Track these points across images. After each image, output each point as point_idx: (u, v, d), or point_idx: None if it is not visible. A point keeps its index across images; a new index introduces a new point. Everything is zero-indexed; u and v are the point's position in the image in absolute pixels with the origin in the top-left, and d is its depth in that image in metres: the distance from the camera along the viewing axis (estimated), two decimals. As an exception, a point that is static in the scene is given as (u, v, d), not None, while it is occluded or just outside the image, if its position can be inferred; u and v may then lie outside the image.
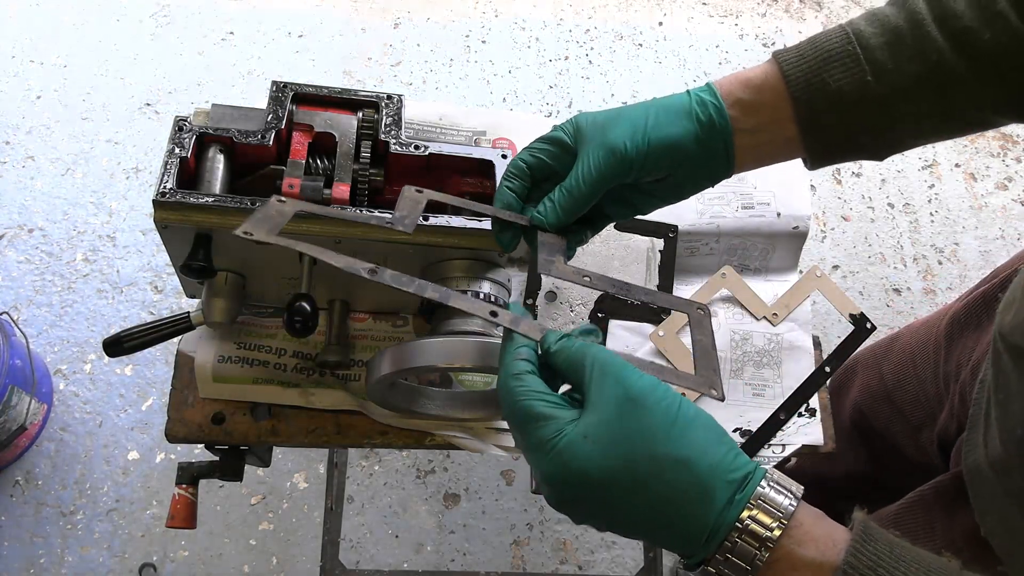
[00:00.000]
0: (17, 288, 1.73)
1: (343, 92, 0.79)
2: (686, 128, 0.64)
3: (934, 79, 0.62)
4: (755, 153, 0.67)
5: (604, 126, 0.64)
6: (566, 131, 0.66)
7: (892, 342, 1.02)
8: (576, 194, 0.64)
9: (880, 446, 1.02)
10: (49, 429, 1.59)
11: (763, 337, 0.92)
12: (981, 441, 0.67)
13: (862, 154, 0.68)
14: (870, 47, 0.63)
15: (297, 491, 1.56)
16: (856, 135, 0.65)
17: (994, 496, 0.65)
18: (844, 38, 0.64)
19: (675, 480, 0.48)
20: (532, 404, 0.51)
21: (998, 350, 0.64)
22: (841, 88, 0.63)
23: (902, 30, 0.63)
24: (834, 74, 0.63)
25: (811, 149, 0.66)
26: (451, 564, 1.52)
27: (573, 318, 0.94)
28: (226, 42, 2.08)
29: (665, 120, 0.64)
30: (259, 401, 0.86)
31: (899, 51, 0.62)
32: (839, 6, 2.26)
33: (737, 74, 0.66)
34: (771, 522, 0.47)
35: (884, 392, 0.99)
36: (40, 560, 1.49)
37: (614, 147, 0.63)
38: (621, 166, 0.63)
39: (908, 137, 0.66)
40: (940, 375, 0.90)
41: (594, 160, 0.63)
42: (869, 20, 0.64)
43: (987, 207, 1.98)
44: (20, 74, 1.99)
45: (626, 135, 0.63)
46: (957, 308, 0.89)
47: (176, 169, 0.71)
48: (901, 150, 0.67)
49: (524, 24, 2.17)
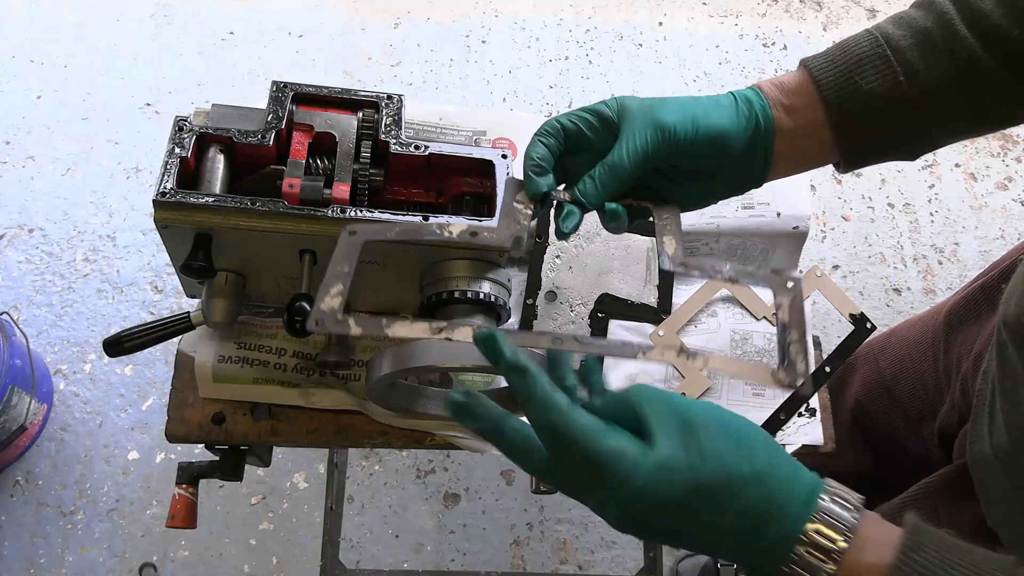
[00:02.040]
0: (17, 288, 1.73)
1: (343, 92, 0.79)
2: (734, 121, 0.64)
3: (965, 78, 0.62)
4: (791, 158, 0.66)
5: (652, 107, 0.63)
6: (610, 107, 0.65)
7: (889, 337, 1.03)
8: (619, 171, 0.62)
9: (881, 442, 1.02)
10: (49, 429, 1.59)
11: (763, 337, 0.92)
12: (986, 432, 0.67)
13: (895, 155, 0.68)
14: (900, 48, 0.63)
15: (297, 491, 1.56)
16: (890, 137, 0.65)
17: (1001, 487, 0.65)
18: (873, 41, 0.64)
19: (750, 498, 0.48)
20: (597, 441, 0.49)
21: (1003, 341, 0.63)
22: (873, 90, 0.63)
23: (931, 31, 0.63)
24: (866, 76, 0.63)
25: (845, 152, 0.66)
26: (451, 564, 1.52)
27: (573, 318, 0.94)
28: (226, 42, 2.08)
29: (715, 111, 0.64)
30: (259, 401, 0.86)
31: (929, 52, 0.62)
32: (839, 6, 2.26)
33: (773, 79, 0.66)
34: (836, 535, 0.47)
35: (883, 386, 0.99)
36: (40, 560, 1.49)
37: (663, 125, 0.62)
38: (668, 146, 0.62)
39: (941, 136, 0.66)
40: (940, 368, 0.90)
41: (641, 138, 0.62)
42: (896, 23, 0.65)
43: (987, 207, 1.98)
44: (20, 74, 1.99)
45: (675, 118, 0.62)
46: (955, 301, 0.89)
47: (176, 169, 0.71)
48: (934, 149, 0.68)
49: (524, 24, 2.17)
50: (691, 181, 0.67)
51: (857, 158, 0.67)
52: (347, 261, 0.58)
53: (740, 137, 0.64)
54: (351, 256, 0.59)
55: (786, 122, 0.65)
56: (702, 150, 0.63)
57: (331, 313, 0.56)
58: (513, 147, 0.96)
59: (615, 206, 0.64)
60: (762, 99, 0.65)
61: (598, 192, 0.63)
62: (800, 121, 0.65)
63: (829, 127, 0.65)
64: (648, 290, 0.94)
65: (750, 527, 0.48)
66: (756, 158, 0.65)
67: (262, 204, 0.71)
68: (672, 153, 0.63)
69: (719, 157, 0.64)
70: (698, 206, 0.70)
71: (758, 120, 0.64)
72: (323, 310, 0.56)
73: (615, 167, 0.62)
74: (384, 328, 0.56)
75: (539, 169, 0.64)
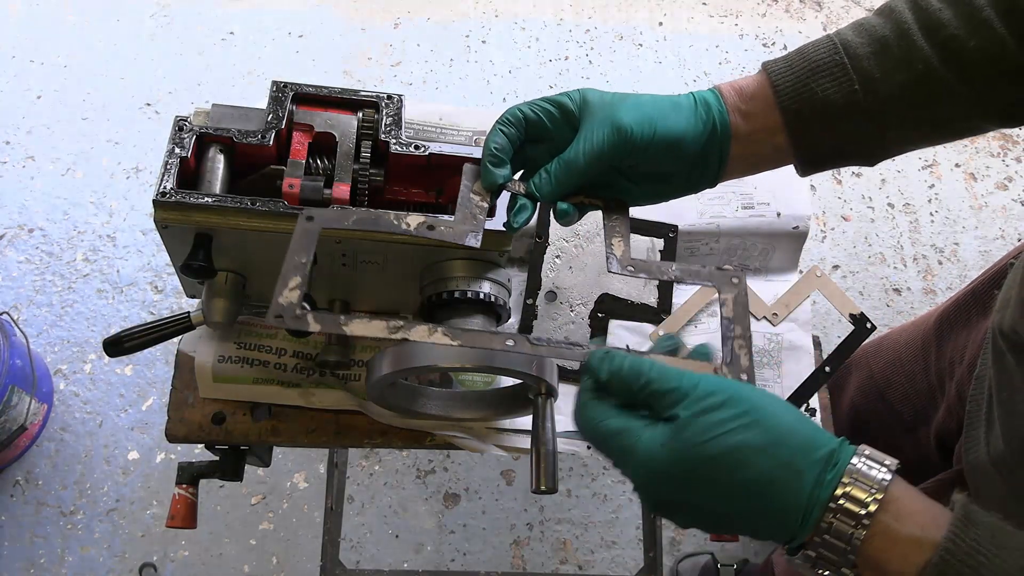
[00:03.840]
0: (17, 288, 1.73)
1: (343, 92, 0.79)
2: (692, 125, 0.64)
3: (921, 88, 0.62)
4: (745, 161, 0.67)
5: (612, 105, 0.64)
6: (573, 99, 0.65)
7: (881, 341, 1.03)
8: (574, 168, 0.63)
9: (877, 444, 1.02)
10: (49, 429, 1.59)
11: (763, 337, 0.92)
12: (983, 439, 0.67)
13: (852, 160, 0.68)
14: (857, 56, 0.63)
15: (297, 491, 1.56)
16: (845, 144, 0.66)
17: (998, 495, 0.65)
18: (831, 48, 0.64)
19: (759, 468, 0.48)
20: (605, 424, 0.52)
21: (1000, 349, 0.63)
22: (829, 98, 0.63)
23: (888, 40, 0.63)
24: (822, 84, 0.63)
25: (801, 158, 0.67)
26: (451, 564, 1.52)
27: (573, 318, 0.94)
28: (226, 42, 2.08)
29: (673, 114, 0.64)
30: (259, 401, 0.86)
31: (886, 60, 0.63)
32: (839, 6, 2.26)
33: (733, 82, 0.67)
34: (866, 497, 0.47)
35: (876, 389, 0.99)
36: (40, 560, 1.49)
37: (620, 126, 0.62)
38: (624, 147, 0.63)
39: (897, 144, 0.67)
40: (932, 372, 0.90)
41: (598, 136, 0.63)
42: (856, 30, 0.65)
43: (987, 207, 1.98)
44: (20, 74, 1.99)
45: (633, 119, 0.63)
46: (947, 306, 0.89)
47: (176, 169, 0.71)
48: (891, 156, 0.68)
49: (524, 24, 2.17)
50: (645, 180, 0.67)
51: (812, 163, 0.67)
52: (304, 250, 0.57)
53: (696, 141, 0.64)
54: (308, 245, 0.57)
55: (742, 127, 0.65)
56: (658, 153, 0.64)
57: (290, 307, 0.55)
58: (513, 147, 0.96)
59: (566, 206, 0.65)
60: (720, 103, 0.65)
61: (552, 188, 0.64)
62: (756, 126, 0.65)
63: (785, 132, 0.65)
64: (648, 290, 0.94)
65: (766, 497, 0.48)
66: (711, 161, 0.66)
67: (262, 204, 0.71)
68: (628, 154, 0.63)
69: (674, 160, 0.65)
70: (649, 203, 0.70)
71: (715, 124, 0.65)
72: (281, 304, 0.55)
73: (570, 164, 0.63)
74: (342, 326, 0.55)
75: (495, 159, 0.65)
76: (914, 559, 0.46)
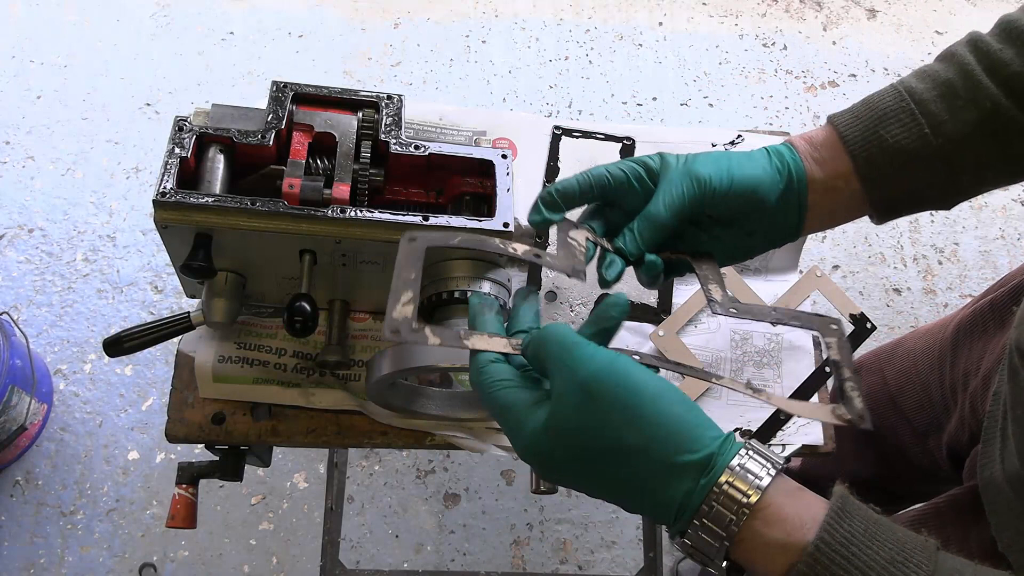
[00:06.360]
0: (17, 288, 1.73)
1: (343, 92, 0.79)
2: (768, 172, 0.65)
3: (990, 126, 0.63)
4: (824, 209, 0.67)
5: (688, 160, 0.65)
6: (653, 159, 0.66)
7: (896, 347, 1.02)
8: (656, 221, 0.64)
9: (887, 452, 1.02)
10: (49, 429, 1.59)
11: (763, 337, 0.92)
12: (998, 456, 0.66)
13: (927, 205, 0.68)
14: (923, 100, 0.64)
15: (297, 491, 1.56)
16: (919, 188, 0.66)
17: (1012, 513, 0.65)
18: (897, 95, 0.65)
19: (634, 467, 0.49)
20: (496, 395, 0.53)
21: (1015, 366, 0.63)
22: (899, 143, 0.64)
23: (953, 82, 0.64)
24: (891, 130, 0.64)
25: (876, 203, 0.67)
26: (451, 564, 1.52)
27: (573, 318, 0.94)
28: (226, 42, 2.08)
29: (748, 163, 0.65)
30: (259, 401, 0.86)
31: (953, 102, 0.63)
32: (839, 6, 2.26)
33: (801, 135, 0.68)
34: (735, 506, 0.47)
35: (888, 397, 0.98)
36: (40, 560, 1.49)
37: (699, 176, 0.63)
38: (703, 197, 0.63)
39: (972, 186, 0.67)
40: (946, 382, 0.89)
41: (677, 189, 0.63)
42: (919, 77, 0.66)
43: (987, 207, 1.98)
44: (20, 74, 1.99)
45: (711, 170, 0.64)
46: (964, 315, 0.89)
47: (176, 169, 0.71)
48: (966, 198, 0.68)
49: (524, 24, 2.17)
50: (728, 234, 0.68)
51: (888, 210, 0.68)
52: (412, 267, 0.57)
53: (773, 187, 0.65)
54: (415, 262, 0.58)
55: (817, 173, 0.66)
56: (737, 200, 0.64)
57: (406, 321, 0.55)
58: (513, 147, 0.96)
59: (654, 258, 0.65)
60: (793, 152, 0.66)
61: (637, 243, 0.64)
62: (830, 172, 0.66)
63: (858, 180, 0.65)
64: (648, 290, 0.94)
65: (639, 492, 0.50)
66: (790, 209, 0.66)
67: (262, 204, 0.71)
68: (708, 203, 0.64)
69: (754, 207, 0.65)
70: (734, 261, 0.71)
71: (790, 171, 0.65)
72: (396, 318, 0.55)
73: (653, 218, 0.64)
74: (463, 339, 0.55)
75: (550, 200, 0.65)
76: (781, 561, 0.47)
